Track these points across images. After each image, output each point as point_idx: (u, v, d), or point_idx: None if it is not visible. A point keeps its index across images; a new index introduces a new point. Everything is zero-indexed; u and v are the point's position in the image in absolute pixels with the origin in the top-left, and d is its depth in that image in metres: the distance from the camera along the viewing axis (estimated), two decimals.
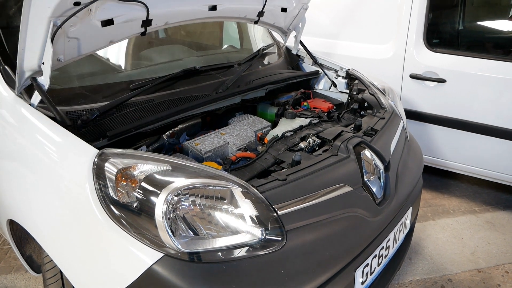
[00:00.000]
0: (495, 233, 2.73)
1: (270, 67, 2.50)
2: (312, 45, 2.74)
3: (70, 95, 1.65)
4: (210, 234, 1.15)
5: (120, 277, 1.11)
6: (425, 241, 2.64)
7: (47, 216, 1.31)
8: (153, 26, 1.72)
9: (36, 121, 1.40)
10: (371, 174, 1.58)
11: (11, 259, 2.42)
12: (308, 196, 1.34)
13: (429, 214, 2.95)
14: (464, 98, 2.77)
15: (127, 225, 1.12)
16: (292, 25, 2.55)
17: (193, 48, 2.68)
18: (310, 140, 1.70)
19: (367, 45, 3.20)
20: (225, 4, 1.96)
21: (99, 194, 1.16)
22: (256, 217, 1.19)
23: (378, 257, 1.53)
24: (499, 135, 2.69)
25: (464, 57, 2.77)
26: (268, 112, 2.21)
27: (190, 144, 1.70)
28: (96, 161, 1.21)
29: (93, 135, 1.47)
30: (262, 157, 1.57)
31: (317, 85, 2.62)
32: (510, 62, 2.60)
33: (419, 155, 2.14)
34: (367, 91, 2.22)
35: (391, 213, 1.61)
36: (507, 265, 2.41)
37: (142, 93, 1.73)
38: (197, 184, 1.17)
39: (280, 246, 1.19)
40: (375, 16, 3.13)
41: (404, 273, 2.33)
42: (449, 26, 3.14)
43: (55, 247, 1.29)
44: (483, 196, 3.22)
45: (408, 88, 3.00)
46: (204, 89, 1.95)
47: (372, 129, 1.82)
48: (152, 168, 1.19)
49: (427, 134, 3.01)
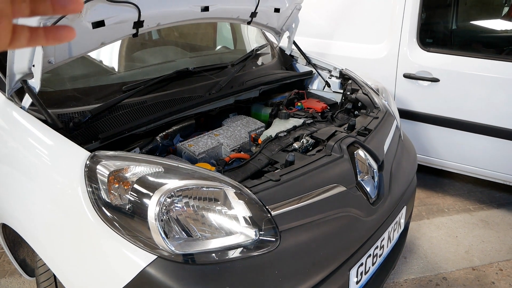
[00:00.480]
0: (489, 231, 2.75)
1: (263, 68, 2.49)
2: (306, 45, 2.74)
3: (62, 98, 1.64)
4: (203, 235, 1.14)
5: (113, 280, 1.10)
6: (420, 240, 2.64)
7: (39, 220, 1.30)
8: (145, 27, 1.71)
9: (27, 124, 1.39)
10: (364, 174, 1.58)
11: (5, 263, 2.39)
12: (302, 196, 1.34)
13: (423, 213, 2.96)
14: (458, 97, 2.78)
15: (120, 228, 1.12)
16: (286, 25, 2.55)
17: (186, 49, 2.67)
18: (303, 141, 1.70)
19: (360, 45, 3.21)
20: (218, 5, 1.96)
21: (92, 196, 1.16)
22: (250, 218, 1.19)
23: (373, 257, 1.53)
24: (493, 133, 2.71)
25: (457, 57, 2.78)
26: (262, 112, 2.21)
27: (183, 146, 1.70)
28: (88, 163, 1.20)
29: (85, 137, 1.46)
30: (255, 158, 1.56)
31: (311, 85, 2.62)
32: (503, 61, 2.62)
33: (413, 154, 2.14)
34: (361, 91, 2.22)
35: (385, 213, 1.61)
36: (501, 263, 2.42)
37: (135, 94, 1.72)
38: (190, 185, 1.16)
39: (274, 246, 1.19)
40: (369, 16, 3.14)
41: (399, 272, 2.34)
42: (442, 25, 3.15)
43: (48, 250, 1.28)
44: (477, 194, 3.23)
45: (401, 87, 3.00)
46: (197, 90, 1.94)
47: (365, 128, 1.83)
48: (145, 170, 1.19)
49: (421, 133, 3.02)
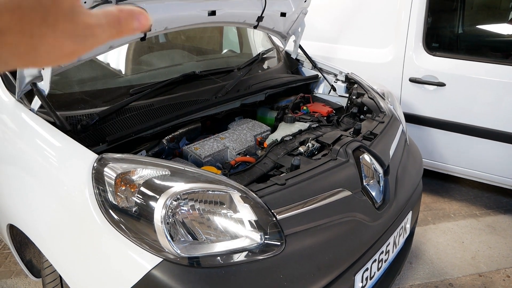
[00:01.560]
0: (496, 237, 2.72)
1: (269, 72, 2.50)
2: (311, 49, 2.74)
3: (70, 100, 1.66)
4: (209, 238, 1.15)
5: (119, 282, 1.11)
6: (426, 245, 2.63)
7: (46, 221, 1.31)
8: (153, 31, 1.73)
9: (36, 126, 1.41)
10: (370, 178, 1.58)
11: (11, 264, 2.41)
12: (307, 200, 1.34)
13: (429, 218, 2.95)
14: (464, 101, 2.77)
15: (126, 230, 1.12)
16: (292, 29, 2.56)
17: (193, 52, 2.69)
18: (309, 145, 1.70)
19: (366, 49, 3.21)
20: (224, 9, 1.97)
21: (98, 198, 1.17)
22: (255, 222, 1.19)
23: (378, 262, 1.52)
24: (500, 138, 2.69)
25: (463, 61, 2.76)
26: (268, 116, 2.21)
27: (189, 149, 1.71)
28: (96, 166, 1.21)
29: (92, 140, 1.47)
30: (261, 162, 1.57)
31: (316, 89, 2.62)
32: (510, 66, 2.60)
33: (419, 159, 2.14)
34: (367, 95, 2.22)
35: (391, 218, 1.60)
36: (508, 269, 2.40)
37: (142, 98, 1.74)
38: (196, 188, 1.17)
39: (279, 250, 1.19)
40: (375, 20, 3.14)
41: (404, 278, 2.32)
42: (448, 30, 3.15)
43: (55, 251, 1.29)
44: (483, 199, 3.21)
45: (407, 92, 3.00)
46: (203, 93, 1.95)
47: (371, 133, 1.83)
48: (151, 173, 1.19)
49: (427, 137, 3.01)
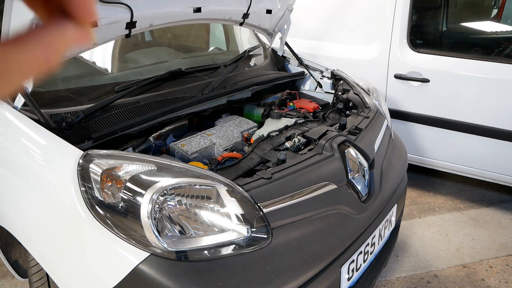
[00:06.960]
0: (479, 229, 2.78)
1: (256, 69, 2.51)
2: (298, 47, 2.76)
3: (55, 98, 1.65)
4: (196, 233, 1.16)
5: (106, 278, 1.11)
6: (412, 238, 2.67)
7: (32, 219, 1.30)
8: (138, 28, 1.72)
9: (20, 124, 1.39)
10: (355, 172, 1.60)
11: None
12: (293, 194, 1.36)
13: (415, 212, 3.00)
14: (448, 97, 2.82)
15: (113, 226, 1.12)
16: (278, 26, 2.57)
17: (179, 50, 2.69)
18: (295, 140, 1.72)
19: (352, 46, 3.24)
20: (210, 6, 1.98)
21: (85, 195, 1.16)
22: (242, 216, 1.20)
23: (364, 254, 1.55)
24: (483, 133, 2.75)
25: (447, 57, 2.82)
26: (255, 113, 2.22)
27: (176, 146, 1.71)
28: (81, 162, 1.21)
29: (78, 137, 1.46)
30: (248, 157, 1.57)
31: (303, 86, 2.64)
32: (492, 62, 2.66)
33: (404, 153, 2.17)
34: (352, 91, 2.24)
35: (376, 210, 1.63)
36: (491, 260, 2.46)
37: (127, 95, 1.73)
38: (183, 183, 1.18)
39: (266, 243, 1.21)
40: (360, 18, 3.17)
41: (391, 270, 2.36)
42: (432, 27, 3.20)
43: (41, 250, 1.28)
44: (467, 193, 3.28)
45: (392, 88, 3.04)
46: (190, 90, 1.96)
47: (356, 128, 1.85)
48: (138, 168, 1.20)
49: (412, 133, 3.06)
